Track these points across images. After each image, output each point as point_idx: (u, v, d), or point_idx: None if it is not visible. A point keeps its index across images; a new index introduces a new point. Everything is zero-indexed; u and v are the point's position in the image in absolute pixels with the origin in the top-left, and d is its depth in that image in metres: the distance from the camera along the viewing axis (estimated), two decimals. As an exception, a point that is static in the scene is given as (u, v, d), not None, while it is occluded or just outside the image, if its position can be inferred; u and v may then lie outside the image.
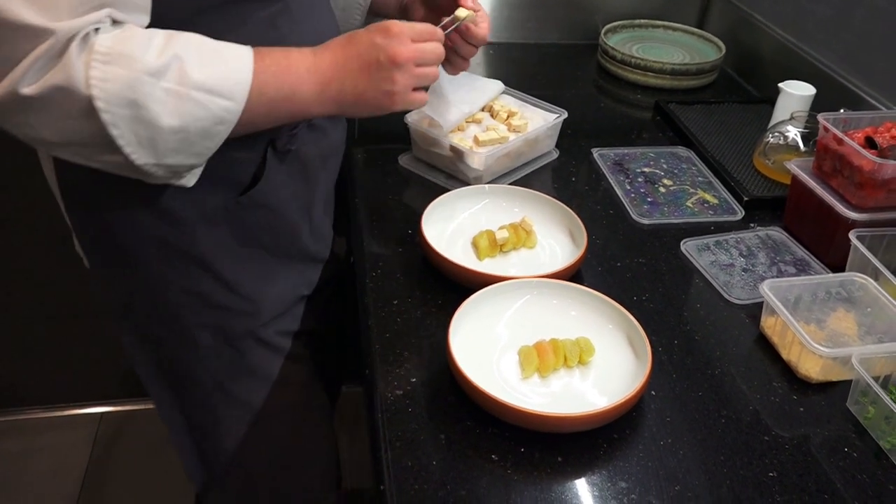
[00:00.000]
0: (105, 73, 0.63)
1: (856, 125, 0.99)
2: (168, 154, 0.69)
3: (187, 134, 0.69)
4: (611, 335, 0.81)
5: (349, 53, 0.78)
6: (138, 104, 0.65)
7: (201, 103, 0.68)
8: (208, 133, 0.71)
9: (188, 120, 0.68)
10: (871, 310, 0.84)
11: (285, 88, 0.75)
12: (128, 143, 0.66)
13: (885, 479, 0.70)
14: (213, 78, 0.69)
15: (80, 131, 0.65)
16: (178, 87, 0.67)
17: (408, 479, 0.67)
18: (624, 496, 0.67)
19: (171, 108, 0.67)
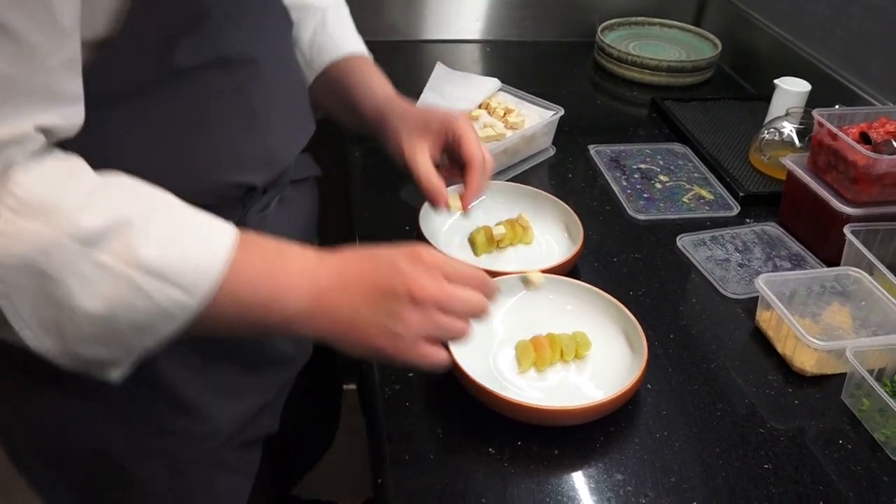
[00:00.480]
0: (12, 227, 0.48)
1: (850, 121, 0.99)
2: (80, 343, 0.52)
3: (114, 324, 0.52)
4: (607, 329, 0.81)
5: (359, 268, 0.60)
6: (49, 276, 0.49)
7: (143, 290, 0.51)
8: (146, 328, 0.53)
9: (119, 308, 0.51)
10: (865, 303, 0.85)
11: (265, 291, 0.56)
12: (22, 321, 0.50)
13: (880, 471, 0.71)
14: (171, 259, 0.52)
15: None
16: (115, 263, 0.50)
17: (406, 472, 0.68)
18: (620, 488, 0.68)
19: (98, 288, 0.50)
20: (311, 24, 0.90)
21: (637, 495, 0.67)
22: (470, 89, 1.18)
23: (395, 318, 0.58)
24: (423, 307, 0.58)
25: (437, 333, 0.59)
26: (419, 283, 0.58)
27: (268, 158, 0.72)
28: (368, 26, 1.56)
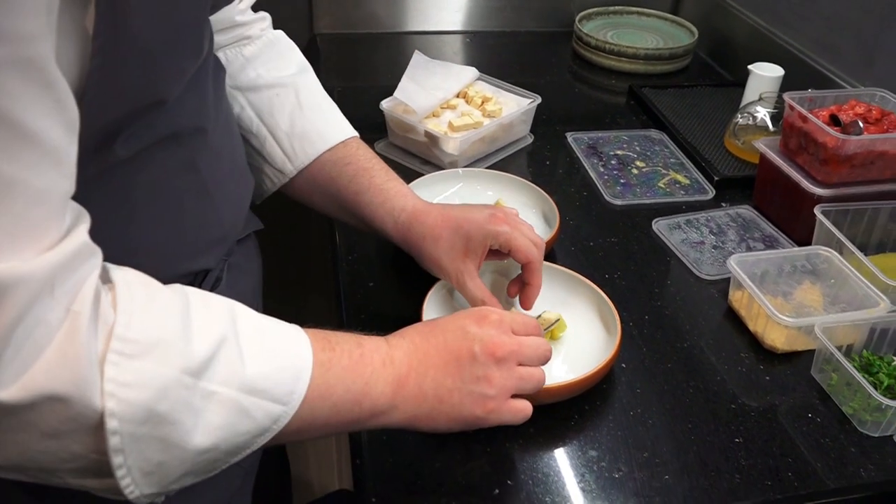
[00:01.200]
0: (129, 374, 0.42)
1: (821, 104, 1.01)
2: (175, 482, 0.47)
3: (216, 453, 0.47)
4: (582, 311, 0.82)
5: (432, 343, 0.59)
6: (165, 418, 0.43)
7: (247, 411, 0.47)
8: (241, 449, 0.49)
9: (225, 436, 0.46)
10: (834, 281, 0.86)
11: (356, 388, 0.54)
12: (128, 473, 0.44)
13: (848, 442, 0.73)
14: (268, 372, 0.48)
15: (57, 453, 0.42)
16: (222, 389, 0.46)
17: (382, 453, 0.69)
18: (594, 464, 0.69)
19: (209, 420, 0.45)
20: (287, 106, 0.79)
21: (611, 470, 0.68)
22: (448, 78, 1.19)
23: (481, 381, 0.58)
24: (505, 364, 0.59)
25: (521, 388, 0.60)
26: (496, 342, 0.59)
27: (221, 235, 0.67)
28: (350, 18, 1.58)
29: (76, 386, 0.39)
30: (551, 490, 0.66)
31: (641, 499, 0.66)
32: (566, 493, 0.66)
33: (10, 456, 0.42)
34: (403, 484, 0.66)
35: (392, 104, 1.11)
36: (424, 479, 0.66)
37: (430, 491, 0.65)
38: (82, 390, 0.39)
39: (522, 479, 0.67)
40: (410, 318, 0.82)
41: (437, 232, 0.76)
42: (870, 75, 1.13)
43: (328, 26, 1.53)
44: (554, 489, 0.66)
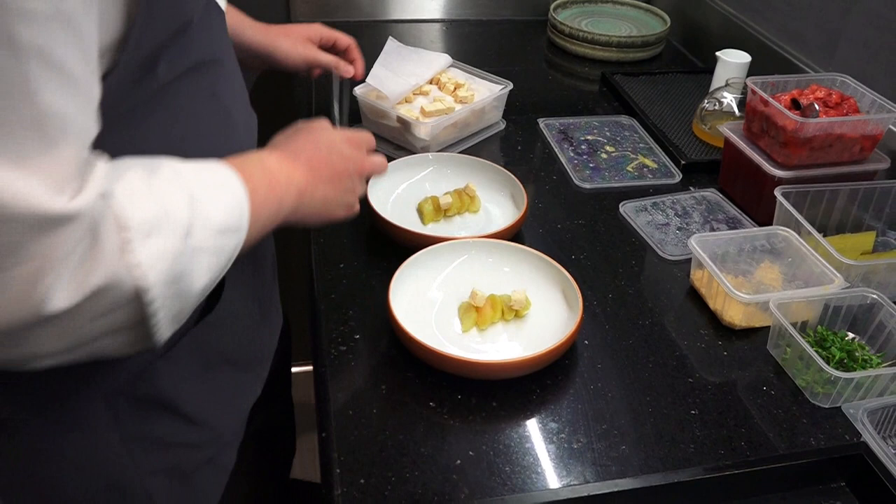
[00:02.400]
0: (150, 253, 0.50)
1: (783, 88, 1.03)
2: (183, 318, 0.57)
3: (210, 286, 0.58)
4: (546, 290, 0.84)
5: (320, 160, 0.74)
6: (179, 278, 0.53)
7: (221, 249, 0.57)
8: (217, 276, 0.59)
9: (214, 274, 0.57)
10: (792, 260, 0.89)
11: (273, 206, 0.66)
12: (159, 326, 0.53)
13: (800, 413, 0.75)
14: (226, 213, 0.58)
15: (103, 328, 0.50)
16: (204, 240, 0.55)
17: (348, 426, 0.71)
18: (554, 435, 0.71)
19: (203, 266, 0.55)
20: None
21: (570, 441, 0.71)
22: (420, 65, 1.20)
23: (350, 193, 0.77)
24: (362, 179, 0.80)
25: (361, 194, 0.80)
26: (363, 165, 0.79)
27: None
28: (330, 6, 1.59)
29: (114, 276, 0.48)
30: (511, 460, 0.68)
31: (599, 468, 0.68)
32: (526, 463, 0.68)
33: (69, 341, 0.49)
34: (367, 456, 0.68)
35: (365, 90, 1.13)
36: (388, 451, 0.68)
37: (393, 462, 0.67)
38: (119, 277, 0.48)
39: (483, 449, 0.69)
40: (379, 297, 0.84)
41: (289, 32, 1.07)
42: (833, 61, 1.15)
43: (306, 14, 1.54)
44: (514, 459, 0.68)
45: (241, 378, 0.80)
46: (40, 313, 0.45)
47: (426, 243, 0.86)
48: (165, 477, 0.73)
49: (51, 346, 0.49)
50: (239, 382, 0.80)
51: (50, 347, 0.49)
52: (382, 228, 0.92)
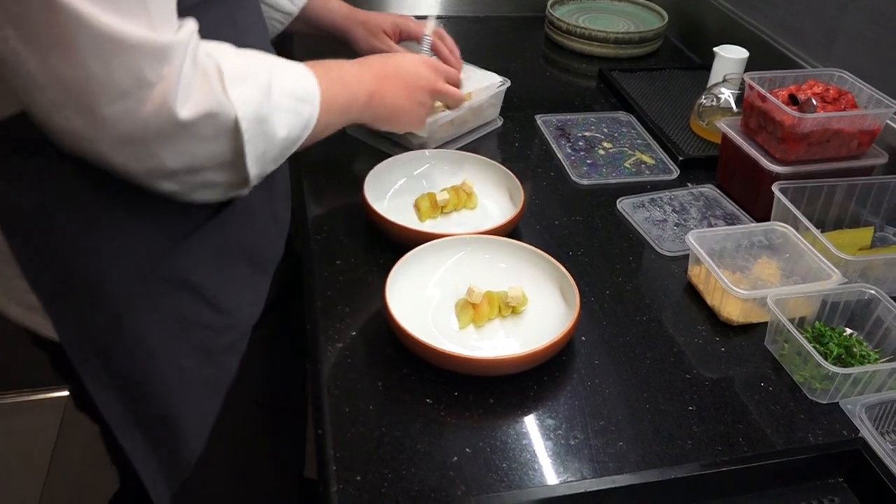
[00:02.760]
0: (243, 94, 0.64)
1: (781, 84, 1.03)
2: (268, 164, 0.71)
3: (287, 142, 0.72)
4: (543, 286, 0.84)
5: (393, 72, 0.90)
6: (266, 120, 0.67)
7: (296, 111, 0.72)
8: (297, 139, 0.74)
9: (290, 129, 0.71)
10: (789, 256, 0.89)
11: (344, 98, 0.83)
12: (251, 156, 0.67)
13: (797, 409, 0.75)
14: (296, 85, 0.73)
15: (211, 153, 0.64)
16: (281, 99, 0.70)
17: (345, 423, 0.70)
18: (551, 432, 0.71)
19: (281, 120, 0.70)
20: None
21: (567, 438, 0.70)
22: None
23: (422, 106, 0.94)
24: (436, 96, 0.97)
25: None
26: (435, 83, 0.96)
27: None
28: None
29: (219, 104, 0.62)
30: (508, 457, 0.68)
31: (596, 464, 0.68)
32: (523, 460, 0.68)
33: (183, 160, 0.63)
34: (364, 453, 0.67)
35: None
36: (385, 448, 0.68)
37: (390, 458, 0.67)
38: (223, 106, 0.62)
39: (480, 446, 0.69)
40: (376, 294, 0.84)
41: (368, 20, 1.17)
42: (830, 56, 1.15)
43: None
44: (511, 456, 0.68)
45: (256, 274, 0.88)
46: (174, 120, 0.59)
47: (423, 240, 0.86)
48: (195, 359, 0.81)
49: (172, 162, 0.63)
50: (255, 278, 0.88)
51: (172, 163, 0.63)
52: (379, 225, 0.92)
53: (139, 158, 0.61)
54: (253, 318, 0.87)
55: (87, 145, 0.60)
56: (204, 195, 0.70)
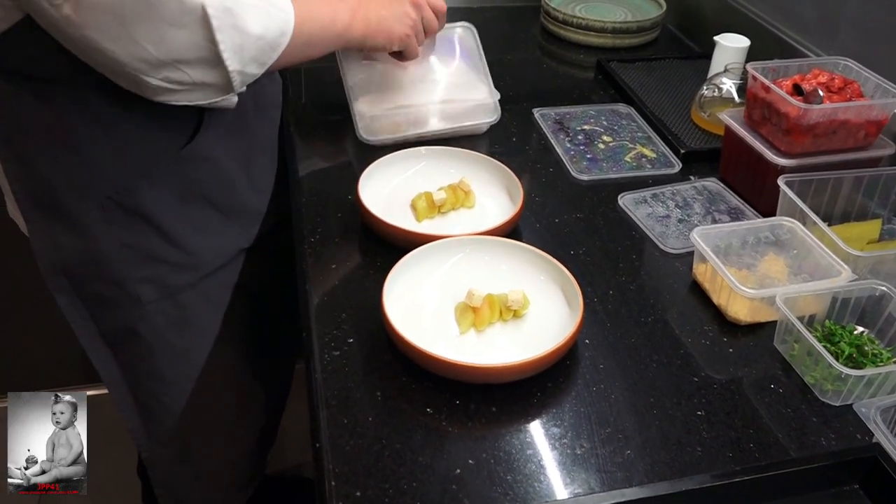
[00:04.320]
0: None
1: (785, 74, 1.00)
2: (249, 63, 0.77)
3: (264, 42, 0.77)
4: (545, 288, 0.82)
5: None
6: (233, 12, 0.73)
7: (270, 13, 0.78)
8: (275, 44, 0.79)
9: (264, 28, 0.77)
10: (797, 252, 0.86)
11: (328, 12, 0.88)
12: (226, 49, 0.74)
13: (809, 412, 0.73)
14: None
15: (186, 43, 0.72)
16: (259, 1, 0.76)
17: (343, 435, 0.68)
18: (556, 441, 0.69)
19: (254, 16, 0.75)
20: None
21: (573, 447, 0.68)
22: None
23: (405, 16, 0.96)
24: (419, 10, 0.97)
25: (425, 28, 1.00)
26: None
27: None
28: None
29: None
30: (513, 468, 0.66)
31: (604, 474, 0.66)
32: (528, 471, 0.66)
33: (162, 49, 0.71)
34: (363, 466, 0.65)
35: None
36: (384, 461, 0.66)
37: (390, 472, 0.65)
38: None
39: (484, 457, 0.67)
40: (373, 299, 0.81)
41: None
42: (834, 44, 1.12)
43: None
44: (516, 467, 0.66)
45: (222, 221, 0.94)
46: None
47: (421, 241, 0.84)
48: (153, 288, 0.90)
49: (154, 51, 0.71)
50: (220, 224, 0.94)
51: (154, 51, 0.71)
52: (375, 226, 0.89)
53: (123, 43, 0.69)
54: (217, 261, 0.95)
55: (76, 31, 0.69)
56: (193, 96, 0.77)
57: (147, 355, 0.94)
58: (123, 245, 0.87)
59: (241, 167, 0.94)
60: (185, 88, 0.76)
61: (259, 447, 1.16)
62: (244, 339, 1.05)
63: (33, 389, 1.88)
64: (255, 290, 1.04)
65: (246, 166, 0.95)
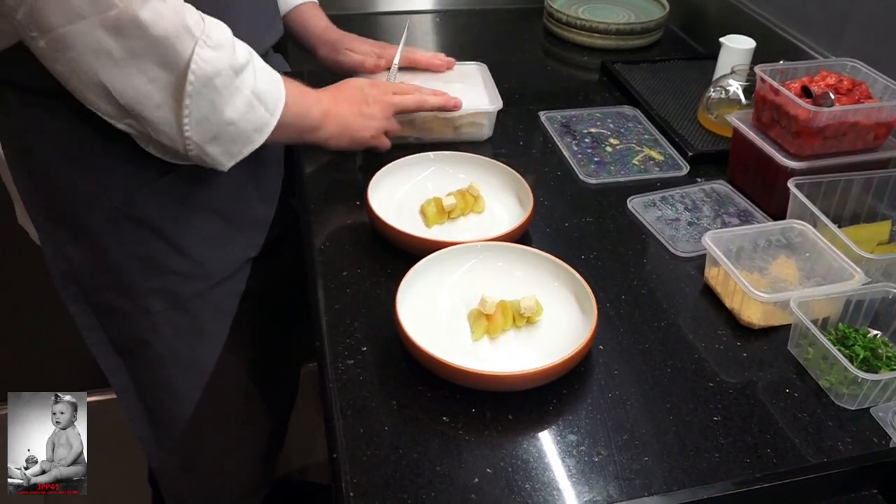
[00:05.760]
0: (208, 57, 0.72)
1: (793, 76, 1.00)
2: (210, 141, 0.77)
3: (235, 130, 0.78)
4: (558, 294, 0.81)
5: (344, 94, 0.97)
6: (216, 90, 0.74)
7: (253, 108, 0.79)
8: (247, 137, 0.81)
9: (240, 118, 0.78)
10: (809, 255, 0.86)
11: (301, 110, 0.89)
12: (190, 115, 0.74)
13: (825, 416, 0.73)
14: (267, 89, 0.80)
15: (151, 94, 0.72)
16: (244, 87, 0.77)
17: (360, 445, 0.68)
18: (573, 448, 0.68)
19: (234, 103, 0.77)
20: None
21: (590, 454, 0.68)
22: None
23: (370, 118, 0.98)
24: (383, 111, 0.99)
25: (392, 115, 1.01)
26: (381, 99, 0.99)
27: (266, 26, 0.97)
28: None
29: (178, 37, 0.70)
30: (531, 476, 0.66)
31: (622, 482, 0.66)
32: (546, 479, 0.65)
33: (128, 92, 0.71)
34: (381, 477, 0.65)
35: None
36: (402, 471, 0.65)
37: (408, 482, 0.64)
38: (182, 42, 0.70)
39: (501, 466, 0.66)
40: (386, 306, 0.81)
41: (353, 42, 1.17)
42: (840, 45, 1.12)
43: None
44: (534, 475, 0.66)
45: (230, 231, 0.95)
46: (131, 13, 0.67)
47: (432, 248, 0.83)
48: (162, 298, 0.92)
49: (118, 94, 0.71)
50: (228, 234, 0.95)
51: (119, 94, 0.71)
52: (385, 233, 0.89)
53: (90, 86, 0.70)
54: (225, 271, 0.96)
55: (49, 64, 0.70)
56: (151, 147, 0.78)
57: (157, 365, 0.95)
58: (132, 256, 0.88)
59: (248, 178, 0.95)
60: (149, 143, 0.78)
61: (268, 453, 1.16)
62: (252, 346, 1.05)
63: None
64: (262, 296, 1.04)
65: (254, 177, 0.96)
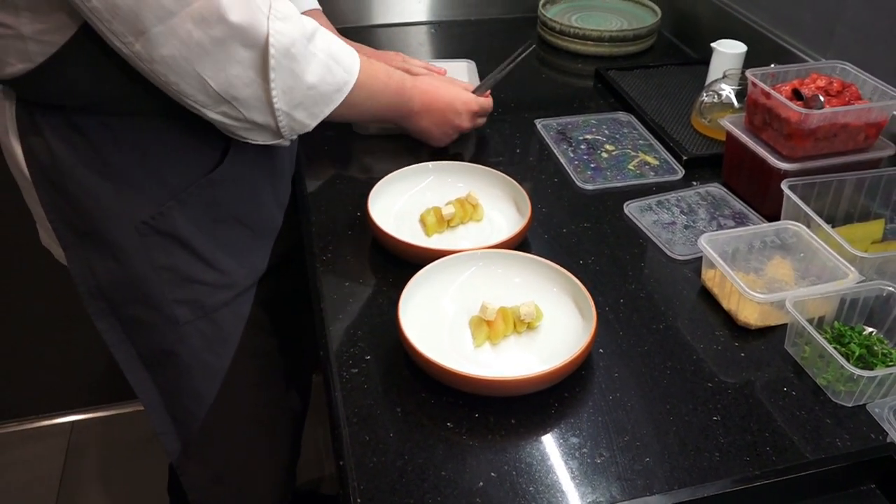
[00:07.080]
0: (281, 28, 0.75)
1: (783, 79, 1.02)
2: (295, 107, 0.81)
3: (316, 93, 0.82)
4: (557, 299, 0.83)
5: (439, 104, 1.04)
6: (294, 58, 0.78)
7: (331, 69, 0.83)
8: (328, 98, 0.84)
9: (320, 80, 0.82)
10: (804, 255, 0.88)
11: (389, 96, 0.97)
12: (276, 88, 0.77)
13: (823, 414, 0.74)
14: (340, 51, 0.85)
15: (242, 77, 0.76)
16: (318, 52, 0.81)
17: (366, 452, 0.69)
18: (576, 451, 0.70)
19: (312, 67, 0.80)
20: None
21: (593, 456, 0.69)
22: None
23: (448, 136, 1.09)
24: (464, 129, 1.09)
25: None
26: (465, 125, 1.09)
27: None
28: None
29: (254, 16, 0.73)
30: (535, 479, 0.67)
31: (624, 483, 0.67)
32: (549, 482, 0.67)
33: (220, 76, 0.75)
34: (387, 483, 0.66)
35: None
36: (408, 476, 0.67)
37: (414, 488, 0.66)
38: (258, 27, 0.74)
39: (505, 469, 0.68)
40: (388, 315, 0.82)
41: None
42: (830, 48, 1.14)
43: (291, 23, 1.52)
44: (537, 478, 0.67)
45: (253, 239, 0.97)
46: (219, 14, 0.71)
47: (432, 256, 0.85)
48: (189, 308, 0.92)
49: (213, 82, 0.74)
50: (251, 242, 0.97)
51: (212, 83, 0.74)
52: (386, 243, 0.91)
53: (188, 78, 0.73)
54: (249, 279, 0.97)
55: (146, 66, 0.73)
56: (251, 135, 0.82)
57: (184, 375, 0.95)
58: (159, 267, 0.89)
59: (268, 185, 0.96)
60: (242, 126, 0.80)
61: (290, 460, 1.16)
62: (274, 352, 1.07)
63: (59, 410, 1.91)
64: (281, 303, 1.06)
65: (273, 184, 0.97)
